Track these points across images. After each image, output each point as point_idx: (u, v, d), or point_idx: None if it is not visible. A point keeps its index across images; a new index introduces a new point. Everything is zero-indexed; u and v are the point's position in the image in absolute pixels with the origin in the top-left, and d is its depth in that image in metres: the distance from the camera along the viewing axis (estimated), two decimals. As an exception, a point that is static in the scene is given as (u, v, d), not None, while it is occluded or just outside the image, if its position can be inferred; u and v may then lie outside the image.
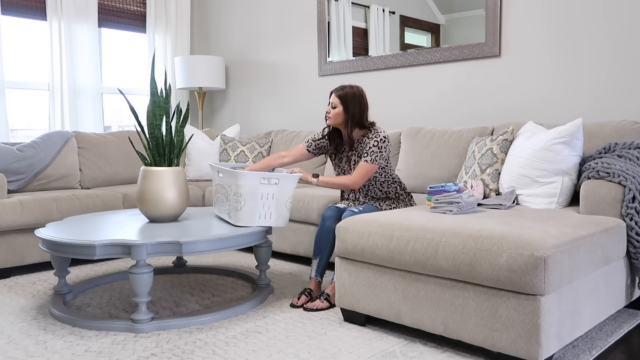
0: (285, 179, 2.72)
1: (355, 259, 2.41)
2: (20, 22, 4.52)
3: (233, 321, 2.53)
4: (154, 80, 2.86)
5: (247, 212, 2.67)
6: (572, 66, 3.25)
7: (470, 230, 2.08)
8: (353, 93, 2.85)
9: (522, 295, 1.91)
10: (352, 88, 2.87)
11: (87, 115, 4.77)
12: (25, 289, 3.10)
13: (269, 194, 2.69)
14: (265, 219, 2.71)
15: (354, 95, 2.85)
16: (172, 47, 5.27)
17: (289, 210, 2.78)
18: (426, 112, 3.93)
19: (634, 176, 2.41)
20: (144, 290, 2.41)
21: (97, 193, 3.72)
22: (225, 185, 2.76)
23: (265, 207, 2.70)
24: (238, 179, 2.65)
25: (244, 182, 2.64)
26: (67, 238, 2.46)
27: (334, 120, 2.88)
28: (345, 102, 2.84)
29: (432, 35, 3.87)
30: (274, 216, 2.73)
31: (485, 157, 2.92)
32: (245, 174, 2.66)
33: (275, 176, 2.70)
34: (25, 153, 3.79)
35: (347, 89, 2.86)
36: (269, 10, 4.94)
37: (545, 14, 3.33)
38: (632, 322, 2.49)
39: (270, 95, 5.00)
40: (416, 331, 2.37)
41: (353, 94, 2.85)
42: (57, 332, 2.41)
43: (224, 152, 4.42)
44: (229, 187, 2.72)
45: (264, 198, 2.68)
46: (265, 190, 2.67)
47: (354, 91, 2.86)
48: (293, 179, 2.75)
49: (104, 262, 3.73)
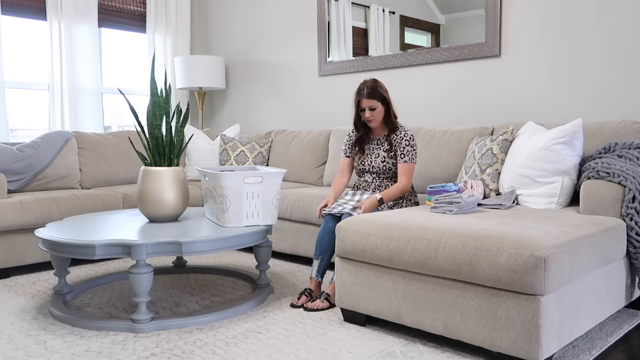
0: (270, 177, 2.74)
1: (355, 259, 2.41)
2: (20, 22, 4.52)
3: (233, 321, 2.53)
4: (154, 80, 2.86)
5: (234, 212, 2.69)
6: (572, 66, 3.25)
7: (470, 230, 2.08)
8: (378, 86, 2.89)
9: (522, 295, 1.91)
10: (370, 83, 2.89)
11: (87, 115, 4.77)
12: (25, 289, 3.10)
13: (254, 193, 2.70)
14: (253, 218, 2.73)
15: (379, 87, 2.90)
16: (172, 47, 5.27)
17: (276, 207, 2.80)
18: (426, 112, 3.93)
19: (634, 176, 2.41)
20: (144, 290, 2.41)
21: (97, 193, 3.72)
22: (211, 187, 2.78)
23: (251, 207, 2.71)
24: (221, 181, 2.66)
25: (227, 184, 2.66)
26: (67, 238, 2.46)
27: (378, 119, 2.91)
28: (381, 97, 2.88)
29: (432, 35, 3.87)
30: (261, 215, 2.75)
31: (485, 157, 2.92)
32: (227, 174, 2.67)
33: (258, 174, 2.71)
34: (25, 153, 3.79)
35: (372, 86, 2.87)
36: (269, 10, 4.94)
37: (545, 14, 3.33)
38: (632, 322, 2.49)
39: (271, 95, 5.00)
40: (416, 331, 2.37)
41: (379, 87, 2.89)
42: (57, 332, 2.41)
43: (224, 152, 4.42)
44: (214, 190, 2.73)
45: (249, 197, 2.69)
46: (249, 189, 2.69)
47: (376, 84, 2.89)
48: (277, 176, 2.76)
49: (104, 262, 3.73)
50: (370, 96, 2.85)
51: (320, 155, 4.15)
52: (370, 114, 2.88)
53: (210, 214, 2.89)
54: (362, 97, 2.87)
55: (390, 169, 2.93)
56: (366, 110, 2.88)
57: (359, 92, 2.89)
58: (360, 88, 2.89)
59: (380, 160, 2.93)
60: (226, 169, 3.13)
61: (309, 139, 4.24)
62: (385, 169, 2.93)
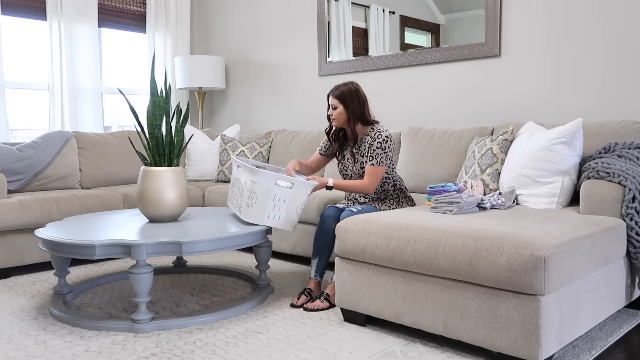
0: (301, 185, 2.73)
1: (355, 259, 2.41)
2: (20, 22, 4.52)
3: (233, 321, 2.53)
4: (154, 80, 2.86)
5: (258, 209, 2.68)
6: (572, 66, 3.25)
7: (470, 230, 2.08)
8: (349, 90, 2.87)
9: (522, 295, 1.91)
10: (346, 85, 2.89)
11: (87, 115, 4.77)
12: (25, 289, 3.10)
13: (281, 197, 2.69)
14: (274, 219, 2.72)
15: (350, 92, 2.86)
16: (172, 47, 5.27)
17: (298, 216, 2.78)
18: (426, 112, 3.93)
19: (634, 176, 2.41)
20: (144, 290, 2.41)
21: (97, 193, 3.72)
22: (242, 180, 2.76)
23: (275, 209, 2.70)
24: (255, 176, 2.66)
25: (260, 180, 2.66)
26: (67, 238, 2.46)
27: (338, 120, 2.89)
28: (344, 100, 2.85)
29: (432, 35, 3.87)
30: (282, 219, 2.73)
31: (485, 157, 2.92)
32: (263, 172, 2.68)
33: (292, 180, 2.71)
34: (25, 153, 3.79)
35: (342, 88, 2.88)
36: (269, 10, 4.94)
37: (545, 14, 3.33)
38: (632, 322, 2.49)
39: (270, 95, 5.00)
40: (416, 331, 2.37)
41: (349, 91, 2.86)
42: (57, 332, 2.41)
43: (224, 152, 4.42)
44: (245, 183, 2.72)
45: (276, 199, 2.68)
46: (278, 192, 2.68)
47: (349, 88, 2.87)
48: (308, 186, 2.75)
49: (104, 262, 3.73)
50: (336, 96, 2.87)
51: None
52: (331, 112, 2.90)
53: (233, 204, 2.87)
54: (330, 93, 2.90)
55: None
56: (330, 106, 2.91)
57: (331, 89, 2.92)
58: (334, 86, 2.92)
59: (360, 166, 2.91)
60: (260, 164, 3.11)
61: (309, 139, 4.24)
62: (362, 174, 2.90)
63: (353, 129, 2.87)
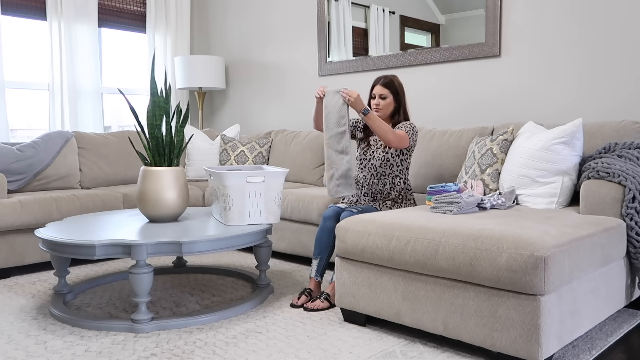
0: (272, 176, 2.75)
1: (355, 259, 2.41)
2: (20, 22, 4.52)
3: (233, 321, 2.53)
4: (154, 80, 2.87)
5: (236, 211, 2.71)
6: (572, 66, 3.25)
7: (470, 230, 2.08)
8: (398, 81, 2.91)
9: (522, 295, 1.91)
10: (393, 76, 2.92)
11: (87, 115, 4.77)
12: (25, 289, 3.10)
13: (256, 192, 2.72)
14: (255, 216, 2.75)
15: (398, 83, 2.91)
16: (172, 47, 5.27)
17: (279, 206, 2.81)
18: (426, 112, 3.93)
19: (634, 176, 2.41)
20: (144, 290, 2.41)
21: (97, 193, 3.72)
22: (215, 187, 2.80)
23: (253, 205, 2.73)
24: (224, 180, 2.69)
25: (230, 182, 2.69)
26: (67, 238, 2.46)
27: (385, 111, 2.92)
28: (395, 89, 2.90)
29: (432, 35, 3.87)
30: (263, 213, 2.77)
31: (485, 157, 2.92)
32: (229, 174, 2.69)
33: (260, 173, 2.73)
34: (25, 153, 3.79)
35: (390, 77, 2.92)
36: (269, 10, 4.94)
37: (545, 14, 3.33)
38: (632, 322, 2.49)
39: (270, 95, 5.00)
40: (416, 331, 2.37)
41: (398, 82, 2.91)
42: (57, 332, 2.41)
43: (224, 152, 4.42)
44: (218, 189, 2.75)
45: (251, 196, 2.71)
46: (252, 188, 2.71)
47: (397, 79, 2.92)
48: (279, 175, 2.78)
49: (104, 262, 3.73)
50: (385, 85, 2.90)
51: (320, 155, 4.15)
52: (379, 101, 2.91)
53: (216, 213, 2.92)
54: (377, 83, 2.92)
55: (388, 160, 2.92)
56: (377, 97, 2.91)
57: (377, 79, 2.94)
58: (379, 77, 2.94)
59: (382, 150, 2.93)
60: (232, 168, 3.15)
61: (309, 139, 4.24)
62: (384, 159, 2.92)
63: (397, 121, 2.91)
